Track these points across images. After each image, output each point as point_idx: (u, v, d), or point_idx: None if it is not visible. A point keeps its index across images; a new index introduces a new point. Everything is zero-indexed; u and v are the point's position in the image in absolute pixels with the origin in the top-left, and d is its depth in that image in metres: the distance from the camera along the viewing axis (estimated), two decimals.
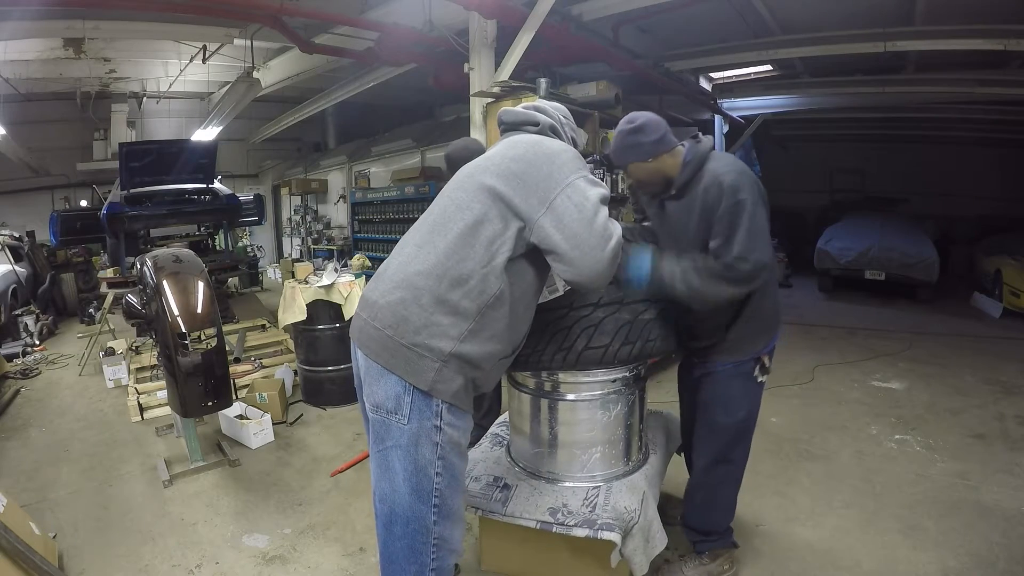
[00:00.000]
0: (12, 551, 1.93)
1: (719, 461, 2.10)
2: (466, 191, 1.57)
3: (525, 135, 1.70)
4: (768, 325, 2.03)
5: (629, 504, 1.95)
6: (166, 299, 2.95)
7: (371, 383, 1.51)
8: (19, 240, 7.87)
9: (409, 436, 1.47)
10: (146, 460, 3.39)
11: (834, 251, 7.97)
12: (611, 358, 1.92)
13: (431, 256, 1.50)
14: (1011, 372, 4.68)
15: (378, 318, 1.50)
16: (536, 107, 1.79)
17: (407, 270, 1.51)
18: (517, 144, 1.62)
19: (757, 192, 1.86)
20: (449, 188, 1.66)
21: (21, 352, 5.73)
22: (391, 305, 1.48)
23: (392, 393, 1.46)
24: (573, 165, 1.56)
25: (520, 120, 1.74)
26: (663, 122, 1.97)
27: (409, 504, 1.49)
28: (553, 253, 1.49)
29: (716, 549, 2.19)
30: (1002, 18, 4.75)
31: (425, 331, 1.45)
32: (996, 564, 2.31)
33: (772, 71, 7.13)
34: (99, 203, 8.16)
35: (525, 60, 4.61)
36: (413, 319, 1.45)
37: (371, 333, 1.50)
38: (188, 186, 6.72)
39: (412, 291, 1.47)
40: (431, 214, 1.62)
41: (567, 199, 1.48)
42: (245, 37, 5.76)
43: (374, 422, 1.52)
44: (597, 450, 2.09)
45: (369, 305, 1.56)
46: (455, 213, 1.54)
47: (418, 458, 1.47)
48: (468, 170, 1.66)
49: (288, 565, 2.40)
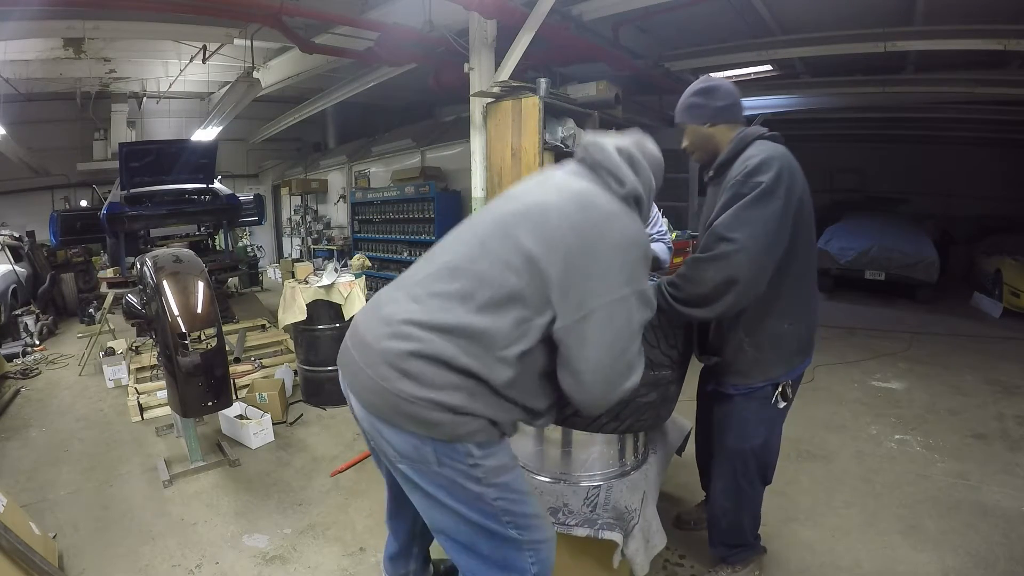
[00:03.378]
0: (12, 551, 1.93)
1: (740, 487, 2.02)
2: (503, 245, 1.27)
3: (601, 194, 1.33)
4: (787, 353, 1.87)
5: (630, 504, 1.94)
6: (166, 299, 2.95)
7: (378, 436, 1.32)
8: (19, 240, 7.87)
9: (447, 480, 1.29)
10: (146, 460, 3.39)
11: (834, 251, 7.97)
12: (596, 429, 1.90)
13: (448, 315, 1.25)
14: (1011, 372, 4.68)
15: (374, 366, 1.28)
16: (631, 158, 1.41)
17: (414, 316, 1.28)
18: (587, 207, 1.28)
19: (782, 184, 1.67)
20: (482, 227, 1.35)
21: (21, 352, 5.73)
22: (390, 354, 1.27)
23: (409, 445, 1.28)
24: (636, 271, 1.28)
25: (605, 165, 1.38)
26: (736, 93, 1.86)
27: (483, 526, 1.34)
28: (566, 363, 1.28)
29: (747, 556, 2.17)
30: (1002, 18, 4.75)
31: (433, 390, 1.24)
32: (996, 564, 2.31)
33: (772, 71, 7.12)
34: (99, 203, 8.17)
35: (525, 60, 4.62)
36: (418, 375, 1.24)
37: (366, 383, 1.29)
38: (188, 186, 6.72)
39: (417, 343, 1.25)
40: (451, 252, 1.35)
41: (608, 318, 1.23)
42: (245, 37, 5.76)
43: (400, 471, 1.34)
44: (596, 449, 2.09)
45: (364, 346, 1.32)
46: (487, 271, 1.26)
47: (467, 496, 1.31)
48: (510, 208, 1.34)
49: (288, 565, 2.40)
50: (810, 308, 1.90)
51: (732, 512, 2.08)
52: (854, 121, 9.70)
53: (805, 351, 1.94)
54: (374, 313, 1.38)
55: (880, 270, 7.63)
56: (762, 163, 1.70)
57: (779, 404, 1.92)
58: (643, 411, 1.90)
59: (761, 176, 1.67)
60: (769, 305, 1.81)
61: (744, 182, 1.69)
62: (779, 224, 1.68)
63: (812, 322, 1.92)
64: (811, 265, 1.88)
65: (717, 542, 2.17)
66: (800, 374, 1.95)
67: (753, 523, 2.14)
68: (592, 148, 1.42)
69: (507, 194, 1.44)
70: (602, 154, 1.40)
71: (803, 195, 1.76)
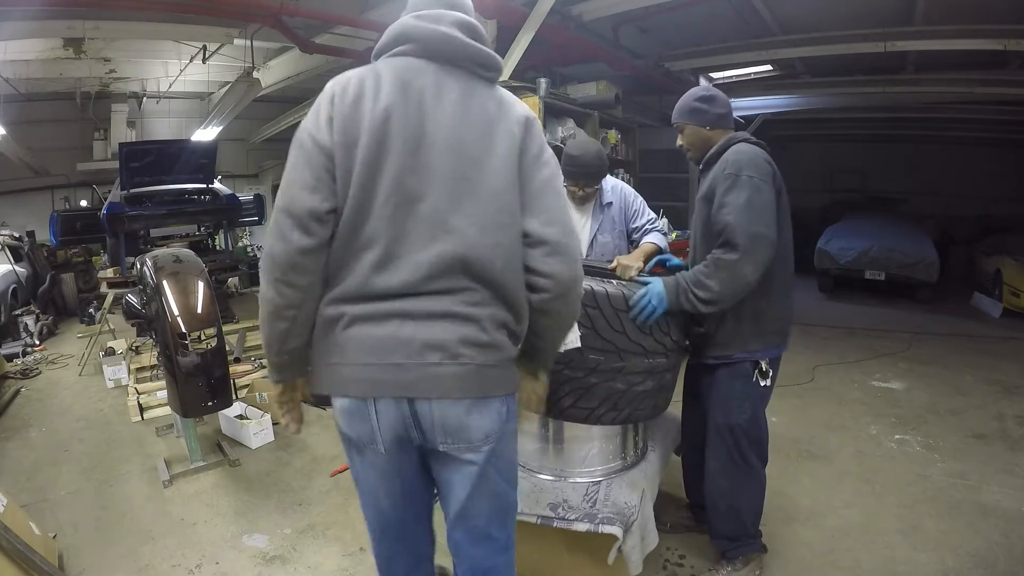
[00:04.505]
0: (12, 551, 1.93)
1: (734, 464, 2.06)
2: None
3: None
4: (764, 331, 1.98)
5: (629, 500, 1.95)
6: (166, 299, 2.95)
7: (465, 427, 1.23)
8: (19, 240, 7.87)
9: (509, 439, 1.34)
10: (146, 460, 3.39)
11: (834, 251, 7.97)
12: (594, 420, 1.91)
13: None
14: (1011, 372, 4.68)
15: (459, 355, 1.21)
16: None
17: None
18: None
19: (768, 176, 1.87)
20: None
21: (21, 352, 5.73)
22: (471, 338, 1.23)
23: (494, 414, 1.26)
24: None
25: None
26: (729, 104, 2.09)
27: (510, 500, 1.39)
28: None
29: (748, 554, 2.17)
30: (1002, 18, 4.75)
31: (507, 345, 1.28)
32: (996, 564, 2.31)
33: (772, 71, 7.12)
34: (99, 203, 8.16)
35: (525, 60, 4.61)
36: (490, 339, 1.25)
37: (451, 371, 1.20)
38: (188, 186, 6.72)
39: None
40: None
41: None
42: (245, 37, 5.75)
43: (477, 459, 1.27)
44: (596, 445, 2.09)
45: (439, 347, 1.21)
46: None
47: (512, 455, 1.37)
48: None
49: (288, 565, 2.40)
50: (787, 292, 2.03)
51: (730, 493, 2.10)
52: (854, 121, 9.70)
53: (782, 333, 2.05)
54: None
55: (880, 270, 7.63)
56: (743, 159, 1.88)
57: (760, 383, 2.01)
58: (640, 400, 1.91)
59: (747, 171, 1.85)
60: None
61: (732, 177, 1.85)
62: (775, 209, 1.86)
63: (789, 306, 2.06)
64: (789, 252, 2.00)
65: (718, 533, 2.19)
66: (778, 356, 2.06)
67: (753, 511, 2.15)
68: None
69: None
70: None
71: (782, 186, 1.93)
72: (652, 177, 6.43)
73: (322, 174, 1.20)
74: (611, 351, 1.81)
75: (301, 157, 1.22)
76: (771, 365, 2.03)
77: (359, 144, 1.18)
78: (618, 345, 1.80)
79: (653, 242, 2.54)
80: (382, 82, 1.22)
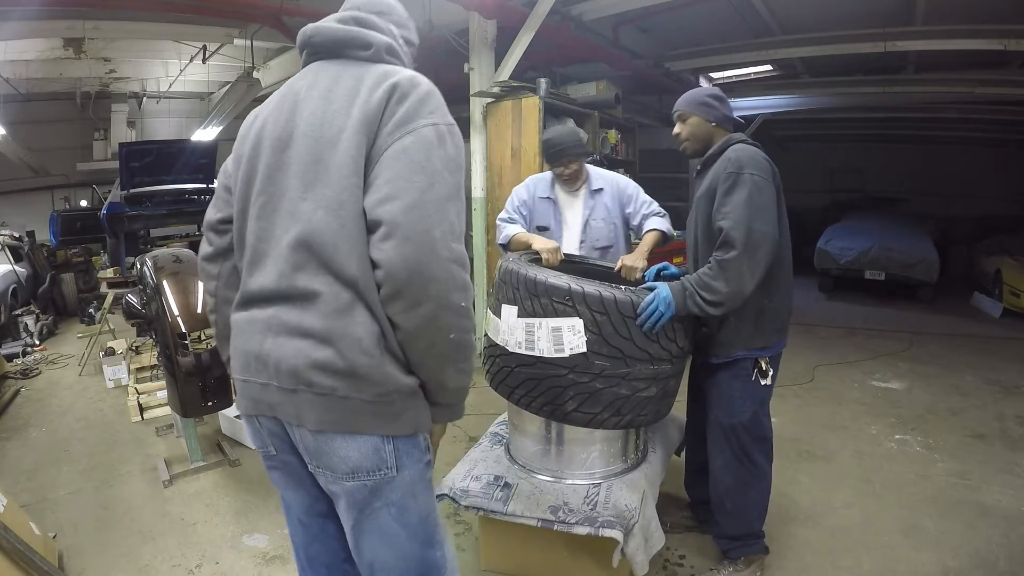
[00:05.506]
0: (12, 551, 1.93)
1: (738, 462, 2.06)
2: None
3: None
4: (767, 329, 1.98)
5: (630, 502, 1.95)
6: (166, 299, 2.95)
7: (326, 453, 1.12)
8: (19, 240, 7.87)
9: (403, 487, 1.15)
10: (146, 460, 3.39)
11: (834, 251, 7.97)
12: (597, 424, 1.90)
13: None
14: (1011, 372, 4.68)
15: (312, 383, 1.10)
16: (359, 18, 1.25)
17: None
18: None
19: (768, 175, 1.88)
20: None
21: (21, 352, 5.72)
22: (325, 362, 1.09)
23: (368, 450, 1.11)
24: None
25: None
26: (733, 111, 2.13)
27: (421, 561, 1.19)
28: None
29: (750, 554, 2.17)
30: (1002, 18, 4.75)
31: (379, 373, 1.09)
32: (996, 564, 2.31)
33: (772, 71, 7.12)
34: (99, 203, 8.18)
35: (525, 60, 4.61)
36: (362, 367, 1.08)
37: (309, 399, 1.10)
38: (188, 186, 6.73)
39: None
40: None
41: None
42: (245, 37, 5.76)
43: (346, 491, 1.14)
44: (596, 447, 2.09)
45: (293, 373, 1.11)
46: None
47: (419, 507, 1.18)
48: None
49: (288, 565, 2.40)
50: (788, 290, 2.04)
51: (735, 491, 2.09)
52: (854, 121, 9.70)
53: (782, 331, 2.05)
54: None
55: (880, 270, 7.63)
56: (743, 158, 1.89)
57: (760, 381, 2.01)
58: (643, 406, 1.90)
59: (748, 169, 1.86)
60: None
61: (734, 176, 1.87)
62: (776, 207, 1.88)
63: (789, 304, 2.06)
64: (788, 250, 2.01)
65: (721, 532, 2.19)
66: (778, 353, 2.07)
67: (759, 510, 2.15)
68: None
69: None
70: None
71: (780, 186, 1.94)
72: (652, 177, 6.43)
73: (221, 192, 1.34)
74: (617, 357, 1.80)
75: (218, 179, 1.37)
76: (771, 364, 2.03)
77: (242, 159, 1.24)
78: (624, 351, 1.80)
79: (656, 228, 2.53)
80: (273, 96, 1.27)
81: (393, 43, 1.24)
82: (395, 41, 1.26)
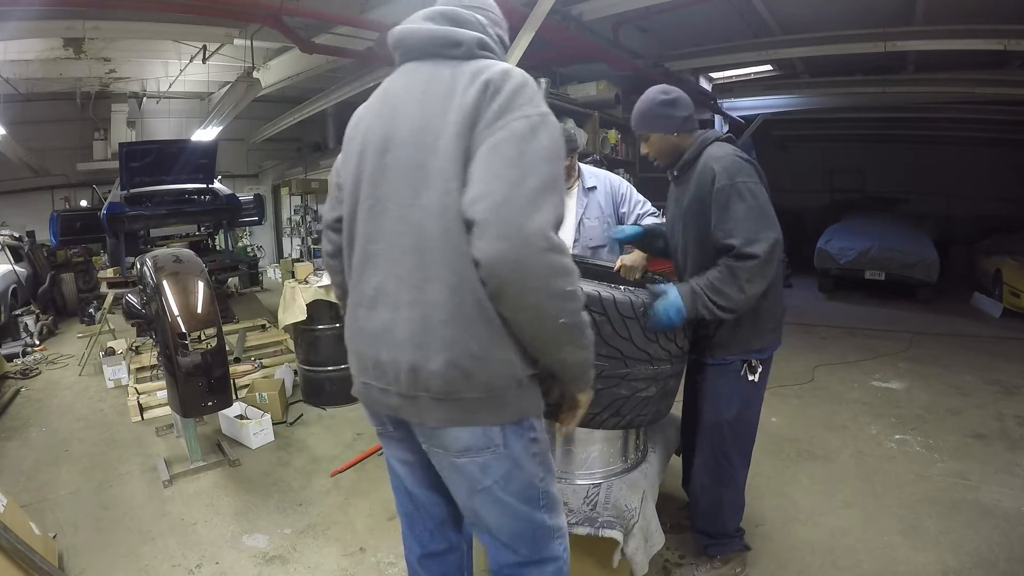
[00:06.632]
0: (12, 551, 1.93)
1: (717, 461, 2.08)
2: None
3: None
4: (763, 328, 1.97)
5: (630, 502, 1.94)
6: (166, 299, 2.95)
7: (441, 437, 1.23)
8: (19, 240, 7.86)
9: (510, 462, 1.24)
10: (146, 460, 3.39)
11: (834, 251, 7.97)
12: (596, 425, 1.89)
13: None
14: (1011, 372, 4.68)
15: (416, 385, 1.18)
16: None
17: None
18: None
19: (755, 175, 1.85)
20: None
21: (21, 352, 5.72)
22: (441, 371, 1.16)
23: (479, 433, 1.20)
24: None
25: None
26: (691, 103, 1.99)
27: (528, 520, 1.31)
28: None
29: (727, 553, 2.18)
30: (1002, 18, 4.75)
31: (491, 373, 1.17)
32: (996, 564, 2.31)
33: (772, 71, 7.13)
34: (99, 203, 8.16)
35: (525, 60, 4.60)
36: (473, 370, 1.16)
37: (428, 403, 1.19)
38: (188, 186, 6.72)
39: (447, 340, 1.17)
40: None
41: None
42: (245, 37, 5.75)
43: (457, 467, 1.25)
44: (596, 447, 2.08)
45: (410, 378, 1.19)
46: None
47: (524, 475, 1.26)
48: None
49: (288, 565, 2.40)
50: (780, 290, 2.03)
51: (710, 490, 2.11)
52: (854, 121, 9.71)
53: (777, 332, 2.04)
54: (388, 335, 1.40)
55: (880, 270, 7.63)
56: (728, 165, 1.84)
57: (749, 377, 1.99)
58: (643, 406, 1.90)
59: (739, 176, 1.81)
60: None
61: (727, 187, 1.81)
62: (767, 200, 1.85)
63: (782, 304, 2.05)
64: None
65: (697, 527, 2.20)
66: (771, 356, 2.05)
67: (733, 510, 2.15)
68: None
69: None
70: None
71: (766, 183, 1.91)
72: (652, 177, 6.42)
73: (334, 191, 1.42)
74: (616, 357, 1.79)
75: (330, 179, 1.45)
76: (765, 363, 2.02)
77: (350, 161, 1.32)
78: (624, 352, 1.79)
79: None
80: (373, 98, 1.33)
81: (484, 37, 1.24)
82: (485, 34, 1.26)
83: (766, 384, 2.07)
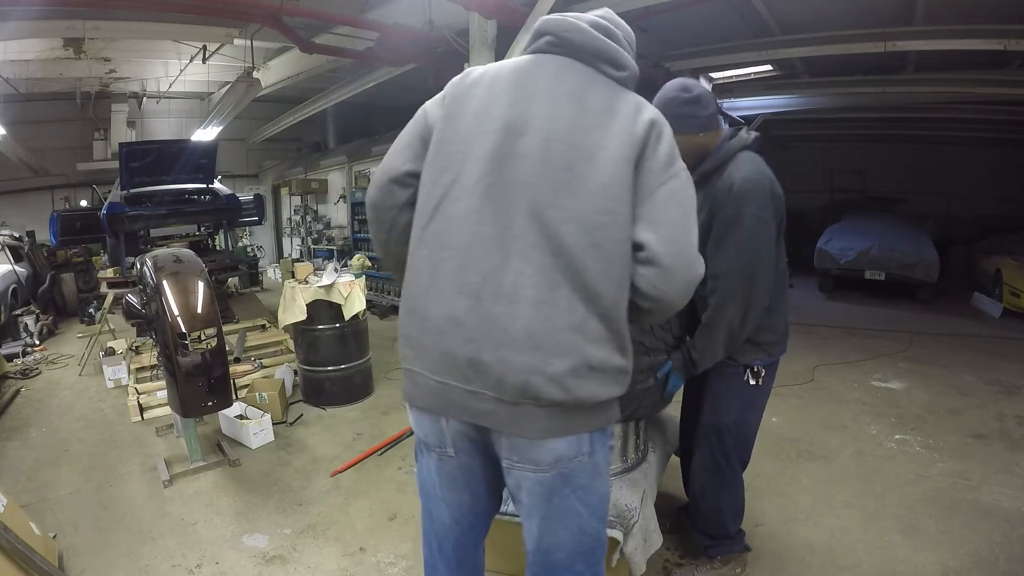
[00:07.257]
0: (12, 551, 1.93)
1: (716, 462, 2.07)
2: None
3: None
4: (762, 342, 1.95)
5: (630, 502, 1.94)
6: (166, 299, 2.95)
7: (535, 450, 1.19)
8: (19, 240, 7.87)
9: (592, 470, 1.24)
10: (146, 460, 3.39)
11: (834, 251, 7.97)
12: None
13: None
14: (1011, 372, 4.68)
15: (527, 392, 1.14)
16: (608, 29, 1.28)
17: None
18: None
19: (768, 206, 1.78)
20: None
21: (21, 352, 5.73)
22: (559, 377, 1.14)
23: (572, 442, 1.20)
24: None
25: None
26: (713, 97, 1.90)
27: (596, 536, 1.30)
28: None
29: (728, 554, 2.18)
30: (1002, 18, 4.75)
31: (602, 385, 1.18)
32: (996, 564, 2.31)
33: (772, 71, 7.12)
34: (99, 203, 8.16)
35: None
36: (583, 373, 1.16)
37: (530, 411, 1.16)
38: (188, 186, 6.72)
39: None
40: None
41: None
42: (245, 37, 5.76)
43: (540, 481, 1.21)
44: None
45: (513, 386, 1.14)
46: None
47: (600, 487, 1.27)
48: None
49: (288, 565, 2.40)
50: (783, 305, 2.02)
51: (710, 492, 2.11)
52: (854, 121, 9.69)
53: (780, 343, 2.03)
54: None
55: (880, 270, 7.62)
56: (746, 188, 1.77)
57: (750, 381, 1.99)
58: (642, 397, 1.91)
59: (749, 206, 1.75)
60: None
61: (739, 213, 1.76)
62: (767, 239, 1.79)
63: (786, 318, 2.05)
64: (784, 271, 1.99)
65: (698, 529, 2.20)
66: (775, 363, 2.05)
67: (733, 512, 2.15)
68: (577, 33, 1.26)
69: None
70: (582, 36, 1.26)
71: (782, 209, 1.86)
72: None
73: (416, 142, 1.29)
74: None
75: (409, 123, 1.33)
76: (769, 369, 2.01)
77: (457, 120, 1.23)
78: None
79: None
80: (504, 70, 1.26)
81: (637, 74, 1.30)
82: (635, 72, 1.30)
83: (770, 390, 2.05)
